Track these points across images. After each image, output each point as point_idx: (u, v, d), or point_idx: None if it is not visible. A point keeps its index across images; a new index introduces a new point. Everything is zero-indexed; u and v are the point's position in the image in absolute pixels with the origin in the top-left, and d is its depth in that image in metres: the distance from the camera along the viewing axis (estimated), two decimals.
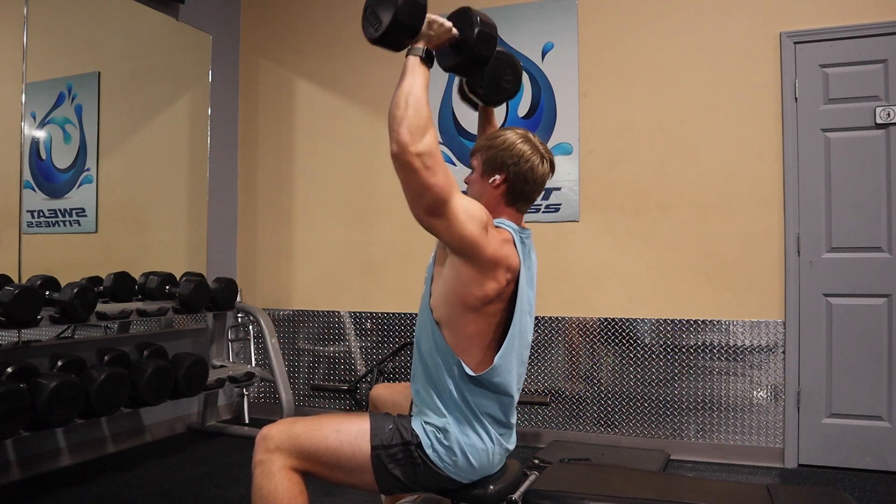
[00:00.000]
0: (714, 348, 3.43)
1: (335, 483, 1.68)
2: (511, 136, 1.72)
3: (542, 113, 3.75)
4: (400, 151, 1.45)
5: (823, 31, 3.28)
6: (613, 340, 3.59)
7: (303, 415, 2.29)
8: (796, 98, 3.33)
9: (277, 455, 1.60)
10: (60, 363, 2.91)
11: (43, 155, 3.34)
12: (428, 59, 1.59)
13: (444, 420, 1.63)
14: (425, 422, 1.65)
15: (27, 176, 3.21)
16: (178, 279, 3.55)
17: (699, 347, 3.45)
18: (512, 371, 1.67)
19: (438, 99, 3.88)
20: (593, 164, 3.66)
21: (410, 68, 1.55)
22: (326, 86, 4.22)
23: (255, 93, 4.43)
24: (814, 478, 3.13)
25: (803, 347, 3.29)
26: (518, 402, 1.75)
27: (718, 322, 3.42)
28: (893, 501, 2.82)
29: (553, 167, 1.76)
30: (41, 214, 3.37)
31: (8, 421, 2.43)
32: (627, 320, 3.57)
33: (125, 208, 3.76)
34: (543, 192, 2.33)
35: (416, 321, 1.74)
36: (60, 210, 3.42)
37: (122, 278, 3.29)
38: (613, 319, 3.59)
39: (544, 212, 3.71)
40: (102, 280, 3.29)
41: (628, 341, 3.57)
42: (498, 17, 3.81)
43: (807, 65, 3.32)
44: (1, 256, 3.03)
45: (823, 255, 3.29)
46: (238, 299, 3.90)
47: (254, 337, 4.11)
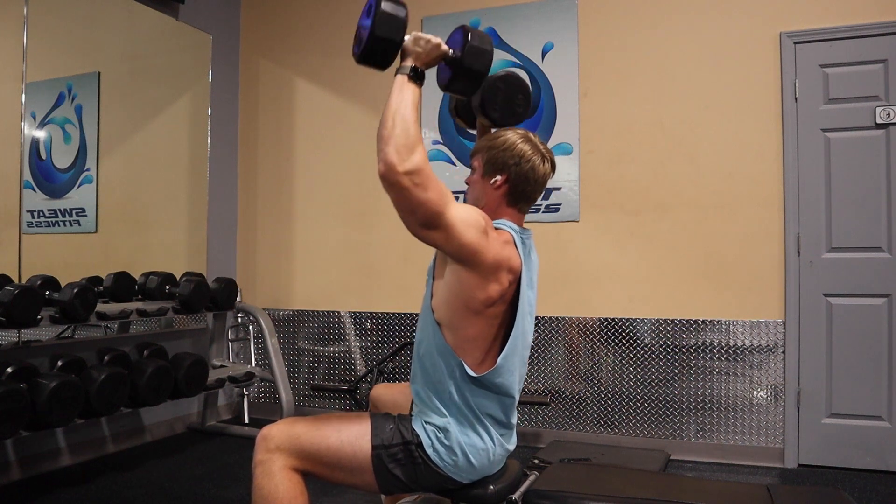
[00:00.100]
0: (714, 348, 3.43)
1: (335, 483, 1.68)
2: (512, 137, 1.71)
3: (542, 113, 3.75)
4: (387, 171, 1.44)
5: (823, 31, 3.28)
6: (613, 340, 3.59)
7: (303, 415, 2.30)
8: (796, 98, 3.33)
9: (278, 455, 1.60)
10: (60, 363, 2.91)
11: (43, 155, 3.34)
12: (416, 77, 1.57)
13: (445, 420, 1.63)
14: (426, 421, 1.65)
15: (27, 176, 3.21)
16: (178, 279, 3.55)
17: (699, 347, 3.45)
18: (514, 372, 1.67)
19: (438, 99, 3.88)
20: (593, 164, 3.66)
21: (398, 86, 1.54)
22: (326, 86, 4.22)
23: (255, 93, 4.43)
24: (814, 478, 3.13)
25: (803, 347, 3.30)
26: (518, 402, 1.75)
27: (718, 322, 3.42)
28: (893, 501, 2.82)
29: (554, 167, 1.76)
30: (41, 214, 3.37)
31: (8, 421, 2.43)
32: (627, 320, 3.57)
33: (125, 208, 3.76)
34: (543, 192, 2.33)
35: (418, 321, 1.74)
36: (60, 210, 3.42)
37: (122, 278, 3.28)
38: (613, 319, 3.60)
39: (544, 212, 3.71)
40: (102, 280, 3.29)
41: (628, 341, 3.57)
42: (498, 17, 3.86)
43: (807, 65, 3.32)
44: (1, 256, 3.03)
45: (823, 255, 3.29)
46: (238, 299, 3.90)
47: (254, 337, 4.11)
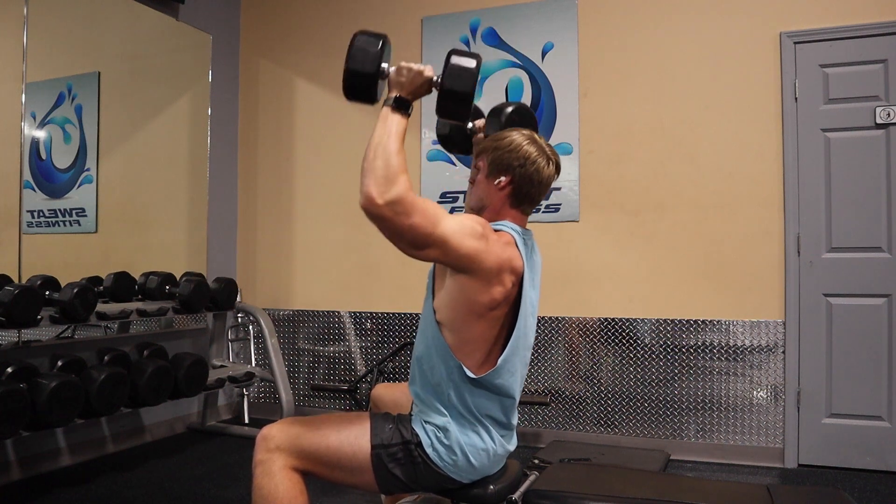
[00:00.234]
0: (714, 348, 3.43)
1: (335, 483, 1.68)
2: (517, 138, 1.70)
3: (542, 113, 3.75)
4: (367, 204, 1.45)
5: (823, 31, 3.28)
6: (613, 340, 3.59)
7: (303, 415, 2.30)
8: (796, 98, 3.33)
9: (278, 455, 1.60)
10: (60, 363, 2.91)
11: (43, 155, 3.34)
12: (399, 108, 1.56)
13: (445, 419, 1.63)
14: (426, 421, 1.65)
15: (27, 176, 3.21)
16: (178, 279, 3.55)
17: (699, 347, 3.45)
18: (514, 373, 1.67)
19: None
20: (593, 164, 3.66)
21: (381, 118, 1.54)
22: (326, 86, 4.22)
23: (255, 93, 4.43)
24: (814, 478, 3.13)
25: (803, 347, 3.29)
26: (518, 403, 1.75)
27: (718, 322, 3.42)
28: (893, 501, 2.82)
29: (559, 169, 1.75)
30: (41, 214, 3.37)
31: (8, 421, 2.43)
32: (627, 320, 3.57)
33: (125, 208, 3.76)
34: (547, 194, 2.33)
35: (419, 323, 1.74)
36: (60, 210, 3.42)
37: (122, 278, 3.28)
38: (613, 319, 3.59)
39: (544, 212, 3.71)
40: (102, 280, 3.29)
41: (628, 341, 3.57)
42: (498, 17, 3.86)
43: (807, 65, 3.32)
44: (1, 256, 3.03)
45: (823, 255, 3.29)
46: (238, 299, 3.90)
47: (254, 337, 4.11)
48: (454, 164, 3.88)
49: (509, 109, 1.88)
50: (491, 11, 3.86)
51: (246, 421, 3.98)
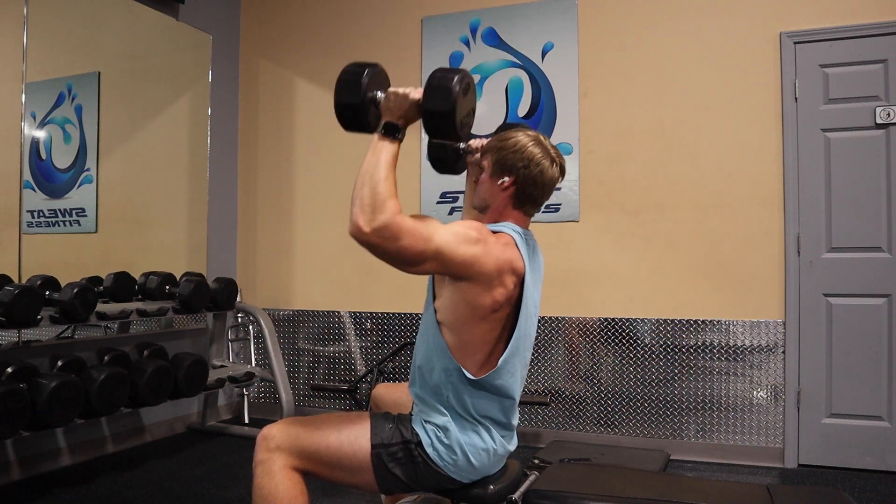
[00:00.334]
0: (714, 348, 3.43)
1: (336, 483, 1.68)
2: (522, 139, 1.70)
3: (542, 113, 3.75)
4: (355, 232, 1.45)
5: (823, 31, 3.28)
6: (613, 340, 3.59)
7: (303, 415, 2.30)
8: (796, 98, 3.33)
9: (278, 455, 1.60)
10: (60, 363, 2.91)
11: (43, 155, 3.34)
12: (388, 133, 1.54)
13: (445, 419, 1.63)
14: (426, 420, 1.65)
15: (27, 176, 3.21)
16: (178, 279, 3.55)
17: (699, 347, 3.45)
18: (514, 374, 1.67)
19: None
20: (593, 164, 3.66)
21: (371, 146, 1.54)
22: (326, 86, 4.22)
23: (255, 93, 4.43)
24: (814, 478, 3.13)
25: (803, 347, 3.29)
26: (518, 403, 1.75)
27: (718, 322, 3.42)
28: (893, 501, 2.82)
29: (563, 171, 1.74)
30: (41, 214, 3.37)
31: (8, 421, 2.43)
32: (627, 320, 3.57)
33: (125, 208, 3.76)
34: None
35: (420, 322, 1.74)
36: (60, 210, 3.42)
37: (122, 278, 3.28)
38: (613, 319, 3.59)
39: (544, 212, 3.71)
40: (102, 280, 3.29)
41: (628, 341, 3.57)
42: (498, 17, 3.86)
43: (807, 65, 3.32)
44: (1, 256, 3.03)
45: (823, 255, 3.29)
46: (238, 299, 3.90)
47: (254, 337, 4.11)
48: None
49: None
50: (491, 11, 3.86)
51: (246, 421, 3.98)
